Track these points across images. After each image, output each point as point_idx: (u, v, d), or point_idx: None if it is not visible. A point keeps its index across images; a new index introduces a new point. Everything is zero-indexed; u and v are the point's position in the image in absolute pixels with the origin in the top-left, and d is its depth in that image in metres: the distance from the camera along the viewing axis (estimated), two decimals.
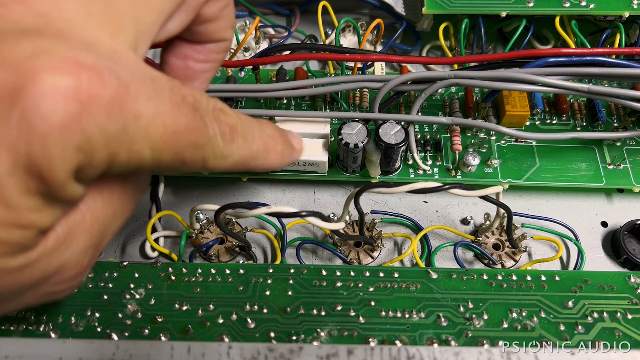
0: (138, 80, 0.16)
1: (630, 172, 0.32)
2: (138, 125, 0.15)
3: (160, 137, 0.16)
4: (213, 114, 0.19)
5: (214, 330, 0.25)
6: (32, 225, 0.15)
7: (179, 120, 0.17)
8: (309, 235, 0.32)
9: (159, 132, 0.16)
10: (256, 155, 0.22)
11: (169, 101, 0.17)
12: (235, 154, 0.20)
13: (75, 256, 0.18)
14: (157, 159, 0.17)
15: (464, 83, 0.30)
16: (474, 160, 0.31)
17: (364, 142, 0.29)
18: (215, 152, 0.19)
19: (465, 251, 0.32)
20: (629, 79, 0.29)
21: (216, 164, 0.19)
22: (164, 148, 0.17)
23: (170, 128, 0.16)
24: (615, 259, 0.32)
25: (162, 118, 0.16)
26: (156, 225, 0.32)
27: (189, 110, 0.17)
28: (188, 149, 0.18)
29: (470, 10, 0.35)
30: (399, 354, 0.21)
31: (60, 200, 0.16)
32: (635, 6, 0.34)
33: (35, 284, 0.17)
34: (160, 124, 0.16)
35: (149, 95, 0.16)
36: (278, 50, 0.36)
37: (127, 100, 0.15)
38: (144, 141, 0.16)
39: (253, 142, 0.21)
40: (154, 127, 0.16)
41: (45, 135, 0.13)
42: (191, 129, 0.17)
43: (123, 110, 0.15)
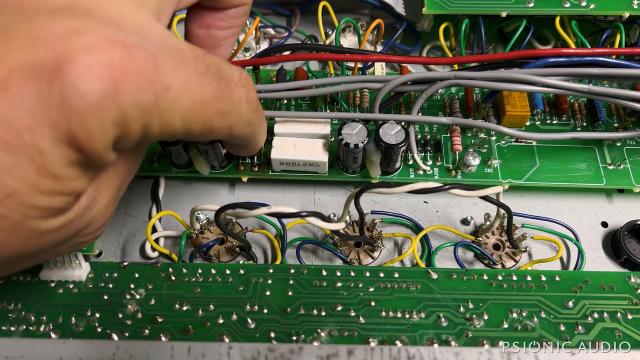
0: (164, 53, 0.16)
1: (630, 172, 0.32)
2: (167, 97, 0.16)
3: (189, 107, 0.17)
4: (240, 81, 0.20)
5: (214, 330, 0.25)
6: (72, 192, 0.16)
7: (204, 89, 0.18)
8: (309, 235, 0.32)
9: (187, 102, 0.17)
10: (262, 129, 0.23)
11: (194, 71, 0.17)
12: (256, 122, 0.21)
13: (102, 210, 0.19)
14: (187, 128, 0.17)
15: (464, 83, 0.30)
16: (474, 160, 0.31)
17: (364, 142, 0.29)
18: (241, 119, 0.20)
19: (465, 251, 0.32)
20: (629, 79, 0.29)
21: (241, 131, 0.20)
22: (193, 117, 0.17)
23: (198, 97, 0.17)
24: (615, 259, 0.32)
25: (189, 88, 0.17)
26: (156, 225, 0.32)
27: (214, 78, 0.18)
28: (215, 117, 0.18)
29: (470, 10, 0.35)
30: (399, 354, 0.21)
31: (97, 168, 0.17)
32: (635, 6, 0.34)
33: (70, 238, 0.19)
34: (187, 94, 0.17)
35: (175, 67, 0.17)
36: (278, 50, 0.36)
37: (156, 73, 0.16)
38: (174, 112, 0.17)
39: (263, 114, 0.23)
40: (182, 98, 0.17)
41: (83, 112, 0.14)
42: (217, 97, 0.18)
43: (153, 83, 0.16)
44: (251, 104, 0.20)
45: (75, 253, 0.27)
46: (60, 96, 0.14)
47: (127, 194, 0.34)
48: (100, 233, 0.21)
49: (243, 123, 0.20)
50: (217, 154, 0.30)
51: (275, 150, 0.31)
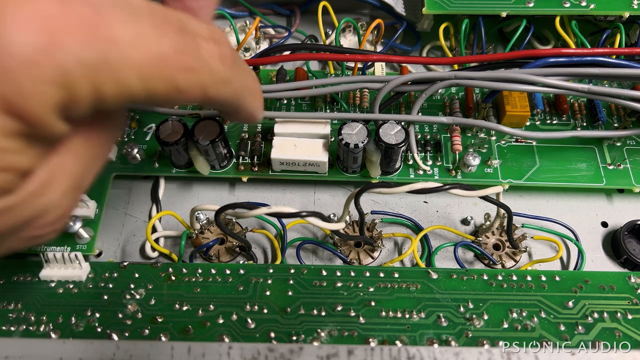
0: (111, 3, 0.15)
1: (630, 172, 0.32)
2: (117, 51, 0.14)
3: (146, 61, 0.15)
4: (208, 35, 0.17)
5: (214, 330, 0.25)
6: (12, 168, 0.15)
7: (162, 41, 0.16)
8: (309, 235, 0.32)
9: (143, 56, 0.15)
10: (250, 90, 0.20)
11: (148, 23, 0.15)
12: (235, 81, 0.19)
13: (56, 199, 0.17)
14: (148, 87, 0.15)
15: (464, 83, 0.30)
16: (474, 160, 0.31)
17: (364, 142, 0.29)
18: (214, 77, 0.18)
19: (465, 251, 0.32)
20: (629, 79, 0.29)
21: (217, 90, 0.18)
22: (153, 73, 0.15)
23: (154, 50, 0.15)
24: (615, 259, 0.32)
25: (142, 40, 0.15)
26: (156, 225, 0.32)
27: (174, 30, 0.16)
28: (179, 73, 0.16)
29: (470, 10, 0.35)
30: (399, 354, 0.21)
31: (42, 139, 0.15)
32: (635, 6, 0.34)
33: (18, 227, 0.17)
34: (142, 46, 0.15)
35: (124, 18, 0.15)
36: (278, 50, 0.36)
37: (100, 25, 0.14)
38: (128, 68, 0.15)
39: (247, 73, 0.20)
40: (135, 51, 0.15)
41: (14, 71, 0.13)
42: (179, 50, 0.16)
43: (97, 36, 0.14)
44: (225, 61, 0.18)
45: (75, 253, 0.27)
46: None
47: (127, 194, 0.34)
48: (59, 227, 0.19)
49: (218, 81, 0.18)
50: (217, 154, 0.30)
51: (275, 150, 0.31)
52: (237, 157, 0.33)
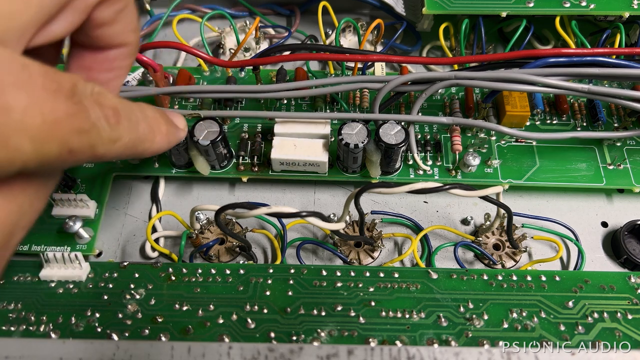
0: (4, 69, 0.15)
1: (630, 172, 0.32)
2: (10, 118, 0.14)
3: (39, 127, 0.15)
4: (92, 97, 0.18)
5: (214, 330, 0.25)
6: None
7: (56, 107, 0.16)
8: (309, 235, 0.32)
9: (37, 122, 0.15)
10: (143, 137, 0.21)
11: (42, 88, 0.16)
12: (123, 136, 0.19)
13: None
14: (41, 152, 0.16)
15: (464, 83, 0.30)
16: (474, 160, 0.31)
17: (364, 142, 0.29)
18: (103, 137, 0.18)
19: (465, 251, 0.32)
20: (629, 79, 0.29)
21: (106, 150, 0.18)
22: (46, 138, 0.16)
23: (49, 116, 0.15)
24: (615, 259, 0.32)
25: (37, 107, 0.15)
26: (156, 225, 0.32)
27: (66, 95, 0.16)
28: (73, 136, 0.17)
29: (470, 10, 0.35)
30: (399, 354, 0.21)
31: None
32: (635, 6, 0.34)
33: None
34: (36, 113, 0.15)
35: (18, 84, 0.15)
36: (278, 50, 0.36)
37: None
38: (21, 134, 0.15)
39: (138, 123, 0.21)
40: (29, 118, 0.15)
41: None
42: (71, 114, 0.16)
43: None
44: (110, 119, 0.18)
45: (75, 253, 0.27)
46: None
47: (127, 194, 0.34)
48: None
49: (107, 141, 0.18)
50: (217, 154, 0.30)
51: (275, 150, 0.31)
52: (237, 157, 0.33)
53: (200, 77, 0.37)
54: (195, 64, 0.39)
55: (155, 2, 0.41)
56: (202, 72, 0.37)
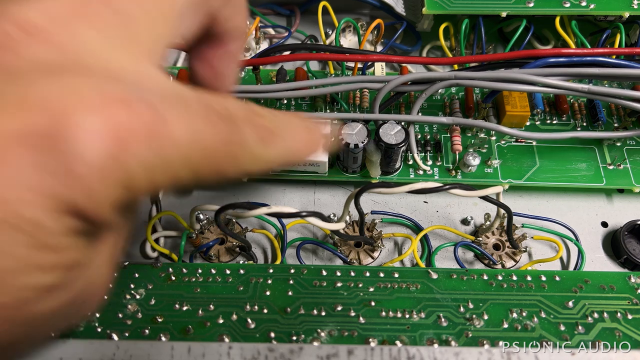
0: (168, 102, 0.15)
1: (630, 172, 0.32)
2: (174, 148, 0.15)
3: (198, 155, 0.15)
4: (247, 119, 0.18)
5: (214, 330, 0.25)
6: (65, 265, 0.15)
7: (213, 135, 0.16)
8: (309, 235, 0.32)
9: (196, 151, 0.15)
10: (297, 151, 0.20)
11: (200, 115, 0.16)
12: (276, 155, 0.19)
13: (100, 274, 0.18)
14: (196, 176, 0.16)
15: (464, 83, 0.30)
16: (474, 160, 0.31)
17: (364, 142, 0.29)
18: (255, 159, 0.18)
19: (465, 251, 0.32)
20: (629, 79, 0.29)
21: (258, 169, 0.18)
22: (202, 166, 0.16)
23: (206, 145, 0.16)
24: (615, 259, 0.32)
25: (196, 136, 0.15)
26: (156, 225, 0.32)
27: (224, 122, 0.16)
28: (227, 161, 0.17)
29: (470, 10, 0.35)
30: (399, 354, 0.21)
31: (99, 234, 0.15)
32: (635, 6, 0.34)
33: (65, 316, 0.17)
34: (195, 142, 0.15)
35: (180, 115, 0.15)
36: (278, 50, 0.36)
37: (162, 127, 0.14)
38: (182, 163, 0.15)
39: (292, 138, 0.20)
40: (191, 149, 0.15)
41: (85, 177, 0.13)
42: (227, 141, 0.16)
43: (160, 138, 0.14)
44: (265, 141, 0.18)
45: None
46: (60, 164, 0.13)
47: None
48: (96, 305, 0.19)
49: (260, 162, 0.18)
50: None
51: None
52: None
53: None
54: None
55: None
56: None
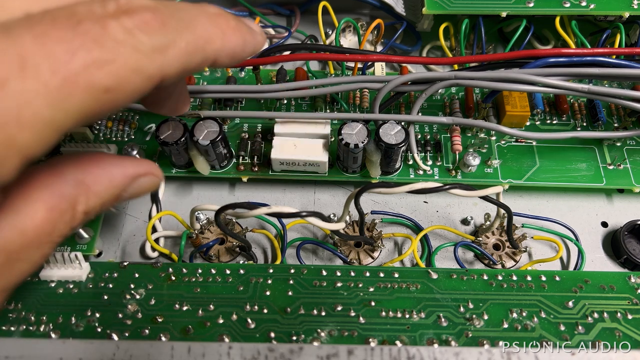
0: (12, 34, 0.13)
1: (630, 172, 0.32)
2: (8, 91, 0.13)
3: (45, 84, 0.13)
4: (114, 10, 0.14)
5: (214, 330, 0.25)
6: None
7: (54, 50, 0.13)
8: (309, 235, 0.32)
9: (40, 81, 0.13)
10: (207, 35, 0.17)
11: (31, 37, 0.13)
12: (175, 40, 0.15)
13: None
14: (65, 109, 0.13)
15: (464, 83, 0.30)
16: (474, 160, 0.31)
17: (364, 142, 0.29)
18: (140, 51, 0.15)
19: (465, 251, 0.32)
20: (629, 79, 0.29)
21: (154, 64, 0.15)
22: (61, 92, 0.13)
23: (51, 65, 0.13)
24: (615, 259, 0.32)
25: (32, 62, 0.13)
26: (156, 225, 0.32)
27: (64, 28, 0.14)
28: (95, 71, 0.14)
29: (470, 10, 0.35)
30: (399, 354, 0.21)
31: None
32: (635, 6, 0.34)
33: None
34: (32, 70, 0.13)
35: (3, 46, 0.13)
36: (278, 50, 0.36)
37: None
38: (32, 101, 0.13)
39: (196, 21, 0.17)
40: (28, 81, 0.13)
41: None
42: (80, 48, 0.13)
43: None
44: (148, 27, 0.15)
45: (75, 253, 0.27)
46: None
47: None
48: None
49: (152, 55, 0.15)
50: (217, 154, 0.30)
51: (275, 150, 0.31)
52: (237, 157, 0.33)
53: (200, 76, 0.37)
54: None
55: None
56: (202, 72, 0.37)
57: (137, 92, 0.15)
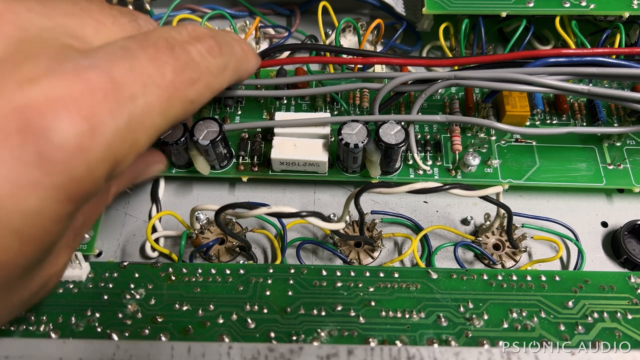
0: (115, 60, 0.15)
1: (630, 172, 0.32)
2: (138, 105, 0.15)
3: (159, 98, 0.16)
4: (186, 40, 0.18)
5: (214, 330, 0.25)
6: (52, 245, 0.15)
7: (165, 72, 0.16)
8: (309, 235, 0.32)
9: (157, 95, 0.16)
10: (242, 58, 0.22)
11: (145, 59, 0.16)
12: (228, 62, 0.20)
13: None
14: (169, 117, 0.17)
15: (464, 83, 0.30)
16: (474, 160, 0.31)
17: (364, 142, 0.29)
18: (212, 72, 0.19)
19: (465, 251, 0.32)
20: (629, 79, 0.29)
21: (222, 82, 0.19)
22: (168, 104, 0.16)
23: (164, 84, 0.16)
24: (615, 259, 0.32)
25: (151, 82, 0.16)
26: (156, 225, 0.32)
27: (166, 52, 0.17)
28: (188, 89, 0.17)
29: (470, 10, 0.35)
30: (399, 354, 0.21)
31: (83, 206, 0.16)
32: (635, 6, 0.34)
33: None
34: (153, 87, 0.16)
35: (127, 67, 0.15)
36: (278, 50, 0.36)
37: (118, 90, 0.15)
38: (151, 113, 0.16)
39: (233, 46, 0.21)
40: (150, 96, 0.16)
41: (67, 161, 0.13)
42: (180, 70, 0.17)
43: (119, 100, 0.15)
44: (214, 51, 0.19)
45: (75, 253, 0.27)
46: (36, 154, 0.13)
47: (127, 194, 0.34)
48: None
49: (217, 75, 0.19)
50: (217, 154, 0.30)
51: (275, 150, 0.31)
52: (237, 157, 0.33)
53: None
54: None
55: (155, 2, 0.41)
56: None
57: (204, 104, 0.20)
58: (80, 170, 0.14)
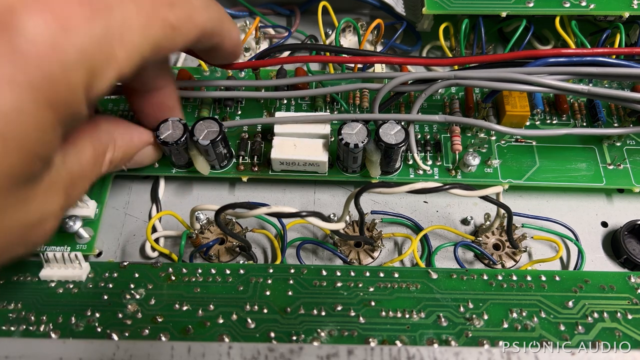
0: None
1: (630, 172, 0.32)
2: (114, 16, 0.16)
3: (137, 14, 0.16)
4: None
5: (214, 330, 0.25)
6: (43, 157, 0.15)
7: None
8: (309, 235, 0.32)
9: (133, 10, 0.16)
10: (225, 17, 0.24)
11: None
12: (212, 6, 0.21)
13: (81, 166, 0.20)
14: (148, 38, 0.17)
15: (464, 83, 0.30)
16: (474, 160, 0.31)
17: (364, 142, 0.29)
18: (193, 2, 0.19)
19: (465, 251, 0.32)
20: (629, 78, 0.29)
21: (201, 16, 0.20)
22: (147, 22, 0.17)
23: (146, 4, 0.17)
24: (615, 259, 0.32)
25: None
26: (156, 225, 0.32)
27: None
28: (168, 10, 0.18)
29: (470, 10, 0.35)
30: (399, 354, 0.21)
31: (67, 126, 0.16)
32: (635, 6, 0.34)
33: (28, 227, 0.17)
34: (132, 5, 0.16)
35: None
36: (278, 50, 0.36)
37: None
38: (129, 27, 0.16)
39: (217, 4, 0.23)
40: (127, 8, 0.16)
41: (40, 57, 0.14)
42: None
43: (94, 7, 0.15)
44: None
45: (75, 253, 0.27)
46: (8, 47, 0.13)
47: (127, 194, 0.34)
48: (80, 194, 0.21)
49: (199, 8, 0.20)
50: (217, 154, 0.30)
51: (275, 150, 0.31)
52: (237, 157, 0.33)
53: (200, 77, 0.37)
54: (195, 64, 0.39)
55: None
56: (202, 72, 0.37)
57: (189, 38, 0.20)
58: (54, 69, 0.14)
